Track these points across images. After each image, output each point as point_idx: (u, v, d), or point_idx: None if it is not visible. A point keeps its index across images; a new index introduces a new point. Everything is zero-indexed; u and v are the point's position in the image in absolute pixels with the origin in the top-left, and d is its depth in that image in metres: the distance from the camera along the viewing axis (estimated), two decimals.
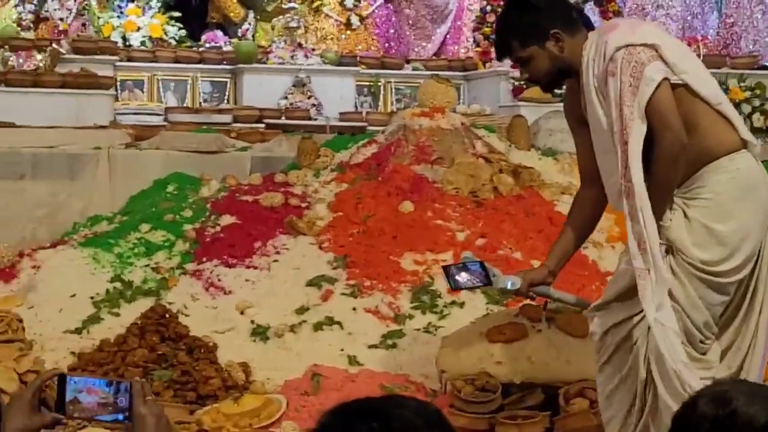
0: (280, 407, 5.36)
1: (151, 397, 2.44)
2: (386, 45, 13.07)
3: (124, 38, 11.78)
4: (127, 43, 11.67)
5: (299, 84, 10.90)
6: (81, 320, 6.32)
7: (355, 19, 12.74)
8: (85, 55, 10.66)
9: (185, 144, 8.59)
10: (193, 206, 7.58)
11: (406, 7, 13.10)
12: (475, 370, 5.19)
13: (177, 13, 12.40)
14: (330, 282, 6.57)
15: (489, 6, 11.49)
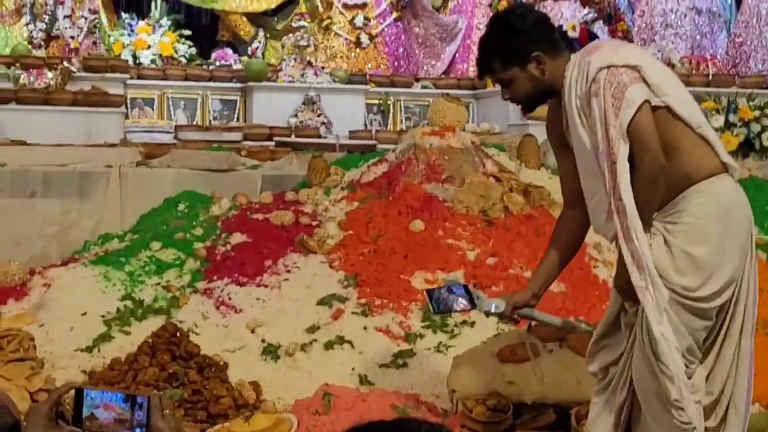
0: (291, 426, 5.34)
1: (169, 411, 2.44)
2: (396, 63, 13.11)
3: (135, 56, 11.83)
4: (138, 61, 11.72)
5: (309, 102, 10.92)
6: (92, 338, 6.32)
7: (364, 38, 12.77)
8: (96, 73, 10.71)
9: (196, 162, 8.60)
10: (204, 224, 7.59)
11: (416, 25, 13.14)
12: (486, 390, 5.19)
13: (187, 31, 12.45)
14: (341, 301, 6.56)
15: None
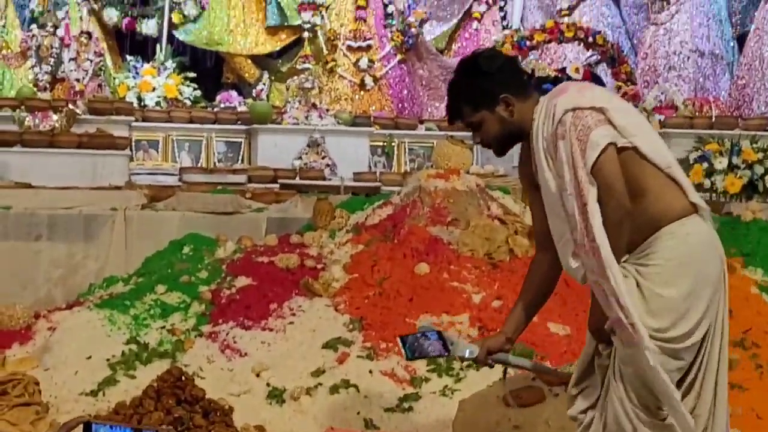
0: None
1: None
2: (400, 105, 13.16)
3: (140, 98, 11.91)
4: (143, 104, 11.80)
5: (313, 144, 10.97)
6: (96, 383, 6.30)
7: (369, 80, 12.84)
8: (101, 115, 10.77)
9: (201, 205, 8.62)
10: (209, 267, 7.59)
11: (420, 67, 13.21)
12: None
13: (192, 73, 12.54)
14: (346, 344, 6.55)
15: None
